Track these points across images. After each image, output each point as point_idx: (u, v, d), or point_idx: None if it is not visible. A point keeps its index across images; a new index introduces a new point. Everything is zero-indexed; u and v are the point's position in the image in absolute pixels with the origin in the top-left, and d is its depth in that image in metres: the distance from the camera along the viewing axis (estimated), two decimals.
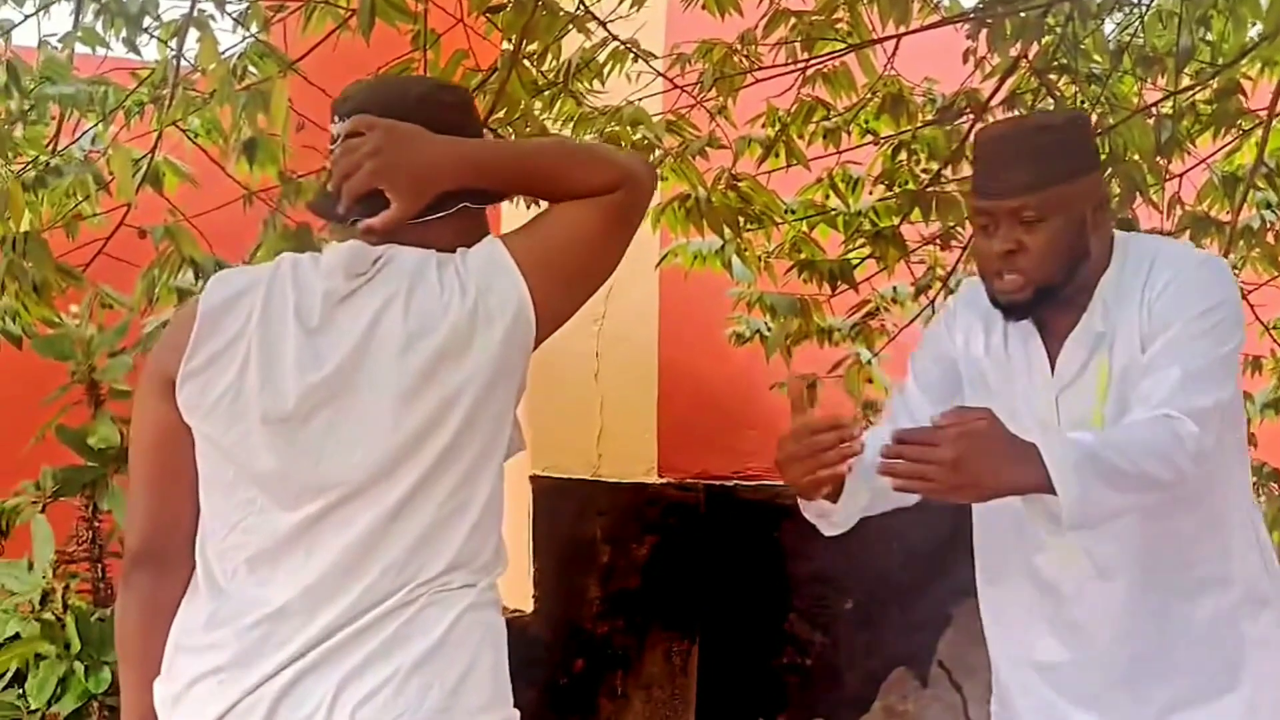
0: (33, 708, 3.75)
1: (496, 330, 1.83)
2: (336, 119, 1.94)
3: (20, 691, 3.93)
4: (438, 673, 1.80)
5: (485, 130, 3.29)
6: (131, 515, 1.97)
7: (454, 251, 1.88)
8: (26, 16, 3.40)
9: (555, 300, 1.89)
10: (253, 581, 1.85)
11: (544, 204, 1.96)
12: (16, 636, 3.86)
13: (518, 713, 1.91)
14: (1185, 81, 3.72)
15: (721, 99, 3.65)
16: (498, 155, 1.99)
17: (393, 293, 1.84)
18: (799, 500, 2.26)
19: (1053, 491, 2.02)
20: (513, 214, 4.26)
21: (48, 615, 3.83)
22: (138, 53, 3.48)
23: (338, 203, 1.91)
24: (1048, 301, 2.32)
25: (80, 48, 3.42)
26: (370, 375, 1.82)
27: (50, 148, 3.51)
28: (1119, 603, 2.31)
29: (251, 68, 3.27)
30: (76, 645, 3.66)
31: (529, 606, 4.67)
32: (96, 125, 3.54)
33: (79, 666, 3.64)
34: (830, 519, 2.29)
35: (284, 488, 1.84)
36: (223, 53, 3.23)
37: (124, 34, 3.39)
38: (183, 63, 3.23)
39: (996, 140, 2.35)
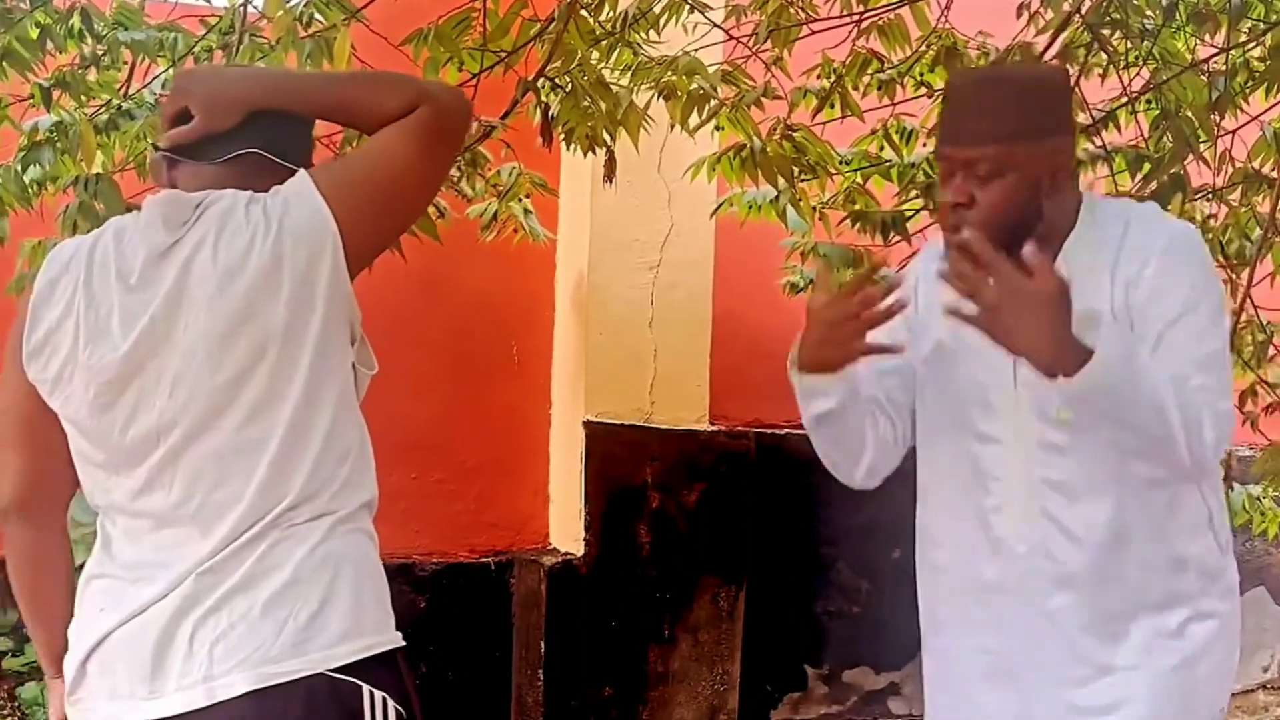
0: None
1: (302, 258, 1.85)
2: None
3: None
4: (291, 608, 1.84)
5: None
6: (0, 472, 2.03)
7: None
8: None
9: (364, 222, 1.91)
10: (125, 534, 1.92)
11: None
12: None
13: (397, 636, 1.93)
14: (1240, 38, 3.71)
15: (777, 50, 3.63)
16: (296, 80, 2.01)
17: (203, 236, 1.87)
18: (804, 381, 2.34)
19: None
20: (610, 199, 4.32)
21: None
22: (207, 0, 3.53)
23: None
24: None
25: None
26: (186, 321, 1.85)
27: (122, 92, 3.57)
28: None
29: (317, 15, 3.31)
30: None
31: (579, 550, 4.72)
32: (167, 70, 3.58)
33: None
34: (831, 396, 2.37)
35: (127, 443, 1.89)
36: (288, 1, 3.30)
37: None
38: (250, 10, 3.29)
39: (965, 87, 2.28)
